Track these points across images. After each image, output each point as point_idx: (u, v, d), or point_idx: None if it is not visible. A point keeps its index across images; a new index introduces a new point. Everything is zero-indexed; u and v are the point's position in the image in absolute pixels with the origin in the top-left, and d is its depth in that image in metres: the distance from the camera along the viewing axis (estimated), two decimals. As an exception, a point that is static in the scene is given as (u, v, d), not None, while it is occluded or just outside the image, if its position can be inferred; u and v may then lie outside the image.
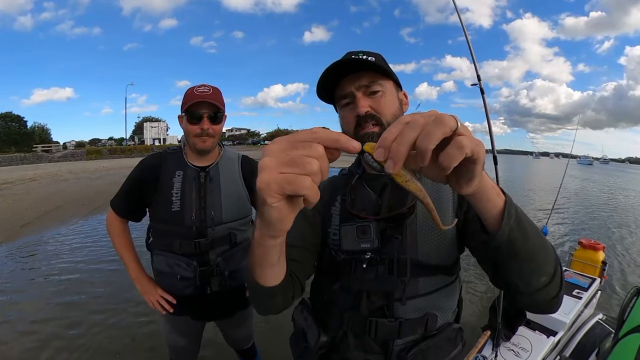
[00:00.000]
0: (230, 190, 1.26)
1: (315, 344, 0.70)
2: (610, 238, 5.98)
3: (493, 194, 0.43)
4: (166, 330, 1.37)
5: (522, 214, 0.47)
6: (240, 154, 1.36)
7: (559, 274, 0.51)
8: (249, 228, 1.36)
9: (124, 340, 2.36)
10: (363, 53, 0.66)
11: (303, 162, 0.29)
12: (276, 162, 0.30)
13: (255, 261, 0.50)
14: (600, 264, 2.34)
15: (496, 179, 2.12)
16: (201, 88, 1.15)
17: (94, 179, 10.48)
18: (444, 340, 0.68)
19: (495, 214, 0.44)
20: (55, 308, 2.83)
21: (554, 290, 0.51)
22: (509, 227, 0.44)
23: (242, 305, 1.41)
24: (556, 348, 1.49)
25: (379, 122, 0.65)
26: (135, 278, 1.27)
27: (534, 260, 0.48)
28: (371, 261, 0.65)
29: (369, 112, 0.65)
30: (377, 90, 0.66)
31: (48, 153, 22.08)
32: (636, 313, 1.01)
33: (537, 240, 0.48)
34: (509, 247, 0.45)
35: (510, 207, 0.44)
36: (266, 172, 0.30)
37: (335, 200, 0.73)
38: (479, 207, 0.44)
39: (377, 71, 0.66)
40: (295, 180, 0.29)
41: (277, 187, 0.30)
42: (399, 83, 0.72)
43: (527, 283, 0.49)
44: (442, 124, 0.30)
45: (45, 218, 5.98)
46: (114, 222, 1.26)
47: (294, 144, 0.30)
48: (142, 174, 1.20)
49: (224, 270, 1.23)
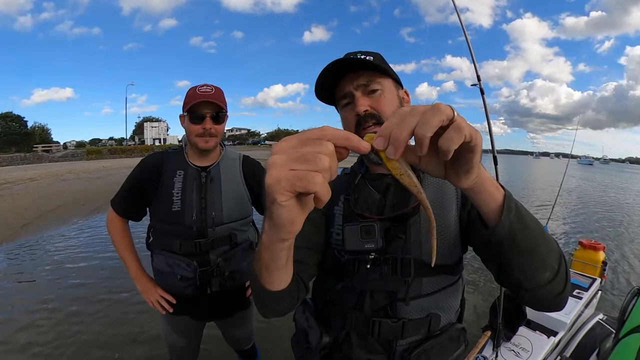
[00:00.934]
0: (231, 191, 1.26)
1: (318, 345, 0.70)
2: (610, 238, 5.98)
3: (492, 188, 0.43)
4: (166, 330, 1.37)
5: (523, 207, 0.46)
6: (241, 154, 1.35)
7: (564, 269, 0.50)
8: (249, 229, 1.36)
9: (124, 341, 2.36)
10: (361, 53, 0.66)
11: (314, 158, 0.28)
12: (286, 158, 0.29)
13: (262, 266, 0.48)
14: (600, 264, 2.34)
15: (496, 179, 2.13)
16: (204, 87, 1.14)
17: (94, 179, 10.48)
18: (447, 340, 0.68)
19: (494, 207, 0.44)
20: (55, 308, 2.82)
21: (558, 286, 0.50)
22: (509, 220, 0.44)
23: (242, 305, 1.41)
24: (557, 348, 1.49)
25: (380, 121, 0.64)
26: (135, 277, 1.27)
27: (536, 253, 0.47)
28: (375, 261, 0.65)
29: (368, 112, 0.65)
30: (376, 89, 0.65)
31: (48, 153, 22.07)
32: (637, 313, 1.01)
33: (539, 234, 0.47)
34: (510, 241, 0.45)
35: (510, 201, 0.44)
36: (276, 168, 0.29)
37: (338, 199, 0.72)
38: (479, 201, 0.44)
39: (375, 70, 0.66)
40: (306, 176, 0.28)
41: (288, 184, 0.29)
42: (399, 81, 0.71)
43: (531, 278, 0.49)
44: (439, 112, 0.30)
45: (45, 218, 5.98)
46: (115, 222, 1.26)
47: (305, 141, 0.30)
48: (143, 173, 1.20)
49: (224, 271, 1.23)
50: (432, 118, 0.30)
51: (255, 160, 1.37)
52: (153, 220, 1.24)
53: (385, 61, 0.70)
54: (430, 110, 0.31)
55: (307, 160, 0.29)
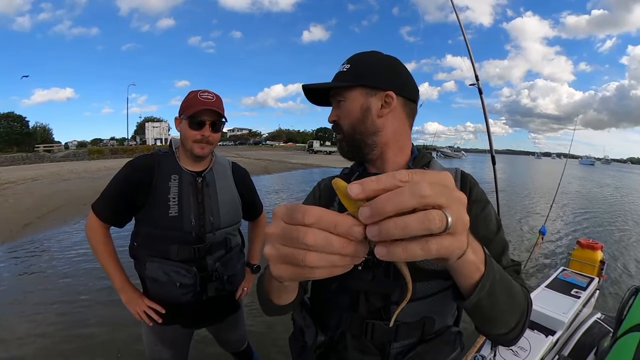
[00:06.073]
0: (226, 196, 1.26)
1: (313, 343, 0.70)
2: (608, 237, 5.98)
3: (472, 270, 0.41)
4: (150, 343, 1.29)
5: (499, 281, 0.45)
6: (230, 160, 1.37)
7: (521, 325, 0.54)
8: (237, 234, 1.37)
9: (126, 340, 2.37)
10: (348, 61, 0.70)
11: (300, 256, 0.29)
12: (277, 254, 0.30)
13: (273, 289, 0.53)
14: (598, 263, 2.35)
15: (494, 179, 2.14)
16: (205, 94, 1.13)
17: (95, 178, 10.49)
18: (442, 343, 0.68)
19: (467, 286, 0.44)
20: (57, 306, 2.84)
21: (509, 336, 0.55)
22: (478, 297, 0.44)
23: (233, 308, 1.40)
24: (555, 347, 1.49)
25: (342, 130, 0.71)
26: (121, 288, 1.19)
27: (498, 319, 0.51)
28: (367, 263, 0.65)
29: (335, 121, 0.72)
30: (339, 100, 0.71)
31: (50, 153, 22.13)
32: (634, 312, 1.01)
33: (506, 306, 0.50)
34: (474, 310, 0.47)
35: (486, 281, 0.43)
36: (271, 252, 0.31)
37: (333, 200, 0.73)
38: (455, 277, 0.44)
39: (335, 87, 0.70)
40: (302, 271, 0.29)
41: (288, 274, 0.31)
42: (376, 86, 0.67)
43: (486, 330, 0.54)
44: (429, 222, 0.25)
45: (47, 218, 6.00)
46: (96, 228, 1.16)
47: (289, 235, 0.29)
48: (135, 174, 1.14)
49: (222, 275, 1.23)
50: (415, 228, 0.25)
51: (242, 167, 1.40)
52: (143, 227, 1.17)
53: (369, 65, 0.69)
54: (421, 219, 0.25)
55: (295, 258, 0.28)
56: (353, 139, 0.70)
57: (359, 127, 0.69)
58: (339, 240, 0.27)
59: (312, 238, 0.26)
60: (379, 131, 0.69)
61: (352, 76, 0.68)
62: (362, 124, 0.68)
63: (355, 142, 0.70)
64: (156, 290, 1.19)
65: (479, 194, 0.68)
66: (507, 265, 0.64)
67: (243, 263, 1.39)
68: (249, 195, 1.40)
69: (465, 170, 0.72)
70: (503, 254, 0.64)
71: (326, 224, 0.27)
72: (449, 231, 0.27)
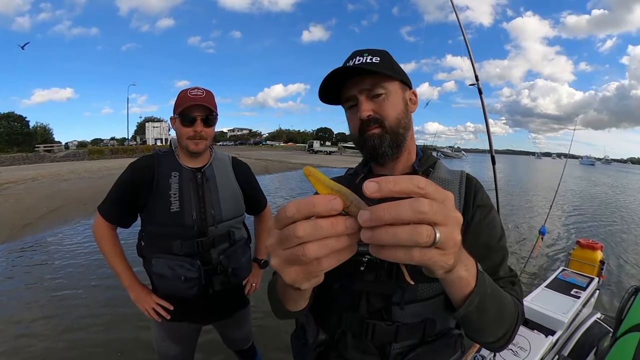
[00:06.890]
0: (227, 189, 1.28)
1: (314, 341, 0.71)
2: (608, 237, 5.98)
3: (462, 285, 0.43)
4: (159, 339, 1.32)
5: (489, 295, 0.47)
6: (230, 155, 1.38)
7: (508, 335, 0.55)
8: (242, 227, 1.38)
9: (127, 339, 2.38)
10: (368, 52, 0.66)
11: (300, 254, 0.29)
12: (280, 261, 0.31)
13: (288, 299, 0.54)
14: (598, 263, 2.35)
15: (494, 179, 2.14)
16: (194, 91, 1.16)
17: (96, 178, 10.50)
18: (443, 345, 0.68)
19: (457, 299, 0.46)
20: (57, 306, 2.85)
21: (496, 345, 0.56)
22: (466, 310, 0.45)
23: (241, 304, 1.42)
24: (555, 347, 1.50)
25: (382, 125, 0.65)
26: (129, 286, 1.24)
27: (486, 329, 0.52)
28: (370, 263, 0.65)
29: (372, 116, 0.65)
30: (379, 93, 0.65)
31: (50, 153, 22.13)
32: (634, 312, 1.02)
33: (494, 319, 0.51)
34: (463, 320, 0.49)
35: (475, 296, 0.44)
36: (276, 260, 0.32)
37: None
38: (445, 288, 0.45)
39: (380, 75, 0.65)
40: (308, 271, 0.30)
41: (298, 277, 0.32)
42: (406, 82, 0.69)
43: (471, 337, 0.56)
44: (418, 235, 0.26)
45: (47, 218, 6.00)
46: (103, 229, 1.21)
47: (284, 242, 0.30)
48: (137, 175, 1.17)
49: (227, 268, 1.24)
50: (403, 239, 0.26)
51: (243, 161, 1.41)
52: (147, 225, 1.21)
53: (393, 60, 0.69)
54: (411, 232, 0.26)
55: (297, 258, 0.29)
56: (397, 134, 0.66)
57: (403, 121, 0.67)
58: (326, 221, 0.27)
59: (301, 229, 0.27)
60: (411, 128, 0.69)
61: (389, 69, 0.65)
62: (405, 117, 0.67)
63: (399, 137, 0.66)
64: (162, 285, 1.21)
65: (484, 198, 0.67)
66: (504, 275, 0.63)
67: (249, 256, 1.40)
68: (251, 189, 1.40)
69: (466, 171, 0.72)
70: (501, 264, 0.64)
71: (305, 207, 0.27)
72: (437, 246, 0.28)
